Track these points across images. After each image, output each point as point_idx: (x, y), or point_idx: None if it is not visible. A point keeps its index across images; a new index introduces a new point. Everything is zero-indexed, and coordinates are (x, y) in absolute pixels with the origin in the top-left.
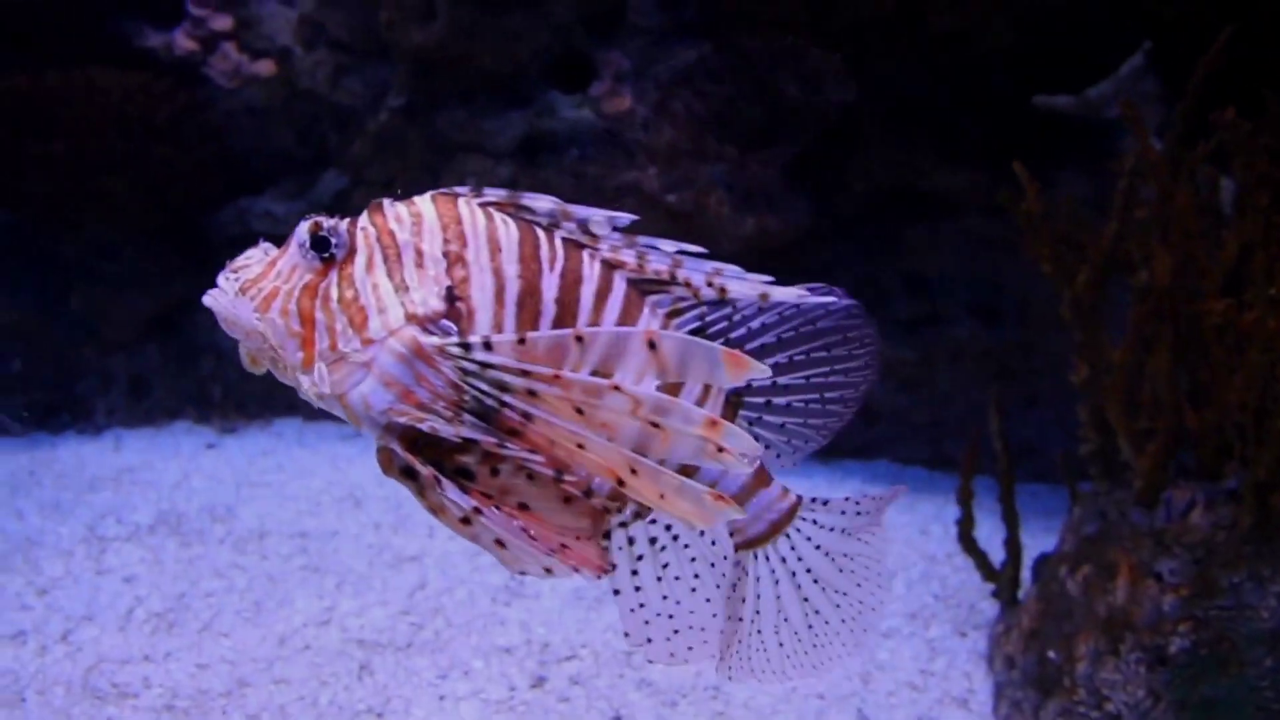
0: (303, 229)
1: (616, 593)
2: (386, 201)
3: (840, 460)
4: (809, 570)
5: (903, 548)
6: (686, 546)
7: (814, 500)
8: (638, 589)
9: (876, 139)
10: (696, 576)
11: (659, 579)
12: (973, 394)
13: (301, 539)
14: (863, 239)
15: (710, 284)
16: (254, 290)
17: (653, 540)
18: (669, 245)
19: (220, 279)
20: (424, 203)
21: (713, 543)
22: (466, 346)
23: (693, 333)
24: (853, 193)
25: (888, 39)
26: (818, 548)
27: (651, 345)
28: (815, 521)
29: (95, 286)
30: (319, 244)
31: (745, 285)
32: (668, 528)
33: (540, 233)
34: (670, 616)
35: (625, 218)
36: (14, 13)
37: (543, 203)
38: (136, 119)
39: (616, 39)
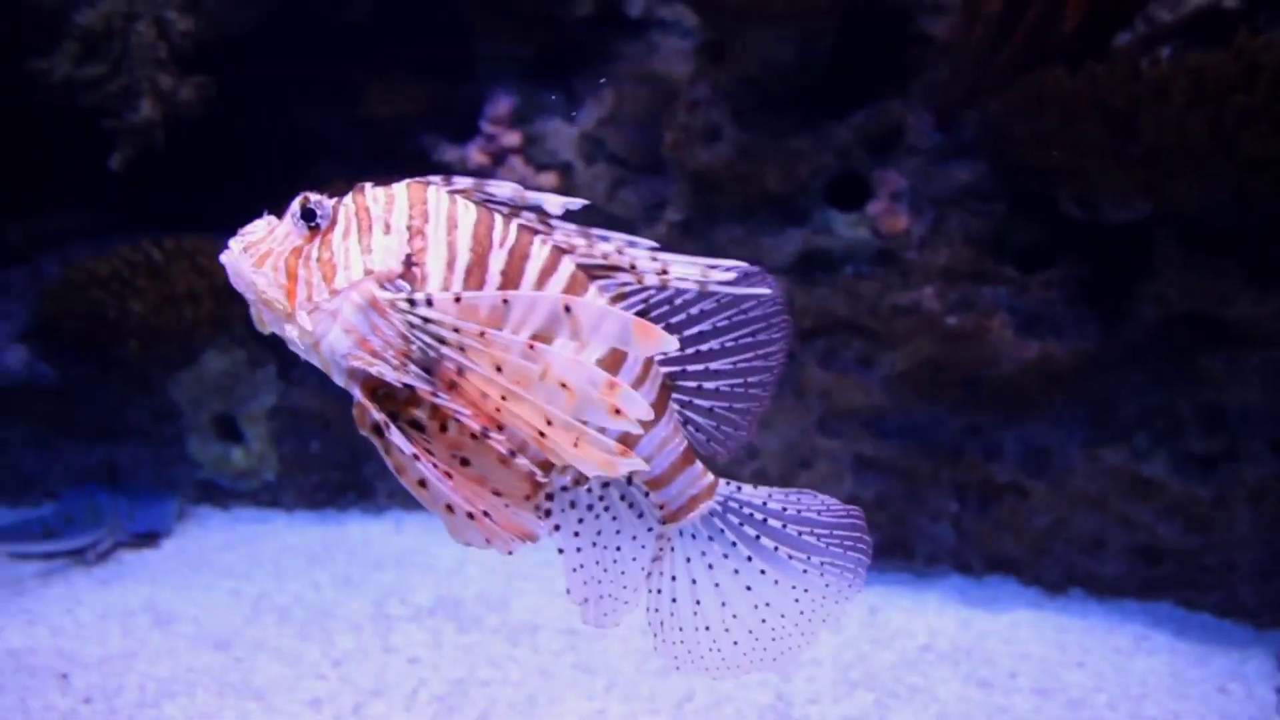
0: (295, 203)
1: (561, 551)
2: (368, 185)
3: (1119, 600)
4: (748, 558)
5: (1198, 705)
6: (615, 519)
7: (728, 482)
8: (579, 550)
9: (1173, 262)
10: (620, 549)
11: (594, 544)
12: (1273, 538)
13: (571, 636)
14: (1155, 367)
15: (653, 270)
16: (254, 250)
17: (589, 507)
18: (619, 236)
19: (231, 241)
20: (399, 187)
21: (640, 514)
22: (412, 301)
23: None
24: (1144, 318)
25: (1193, 161)
26: (756, 537)
27: (567, 310)
28: (745, 507)
29: None
30: (307, 215)
31: (686, 271)
32: (601, 498)
33: (498, 217)
34: (600, 581)
35: (577, 203)
36: (333, 135)
37: (504, 190)
38: None
39: (893, 159)
